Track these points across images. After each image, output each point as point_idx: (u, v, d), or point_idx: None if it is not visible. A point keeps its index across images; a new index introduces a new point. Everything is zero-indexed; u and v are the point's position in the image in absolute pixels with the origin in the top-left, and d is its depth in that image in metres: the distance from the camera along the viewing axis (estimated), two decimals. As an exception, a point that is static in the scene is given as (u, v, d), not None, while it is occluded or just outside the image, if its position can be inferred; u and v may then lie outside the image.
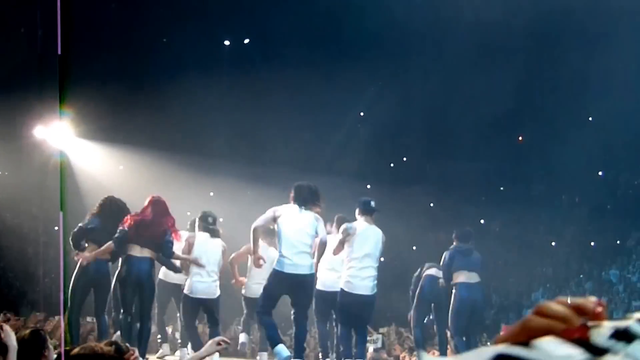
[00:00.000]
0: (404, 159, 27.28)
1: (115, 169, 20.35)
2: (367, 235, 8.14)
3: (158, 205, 8.11)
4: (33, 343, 4.28)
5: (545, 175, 26.16)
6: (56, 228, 17.96)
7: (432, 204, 25.18)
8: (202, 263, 8.51)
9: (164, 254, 8.12)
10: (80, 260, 8.22)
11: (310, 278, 7.64)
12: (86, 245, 8.39)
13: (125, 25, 20.35)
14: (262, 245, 8.18)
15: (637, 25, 20.75)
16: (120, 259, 8.10)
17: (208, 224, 8.90)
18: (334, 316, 8.66)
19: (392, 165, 26.73)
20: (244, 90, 23.52)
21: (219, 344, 5.07)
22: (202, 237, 8.82)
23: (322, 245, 7.81)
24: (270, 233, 8.44)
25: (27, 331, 4.44)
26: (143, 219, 7.96)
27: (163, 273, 9.35)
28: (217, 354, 7.21)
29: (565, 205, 24.96)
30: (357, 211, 8.42)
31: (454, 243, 9.61)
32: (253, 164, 21.35)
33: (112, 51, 20.44)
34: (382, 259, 8.52)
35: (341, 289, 8.13)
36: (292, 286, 7.54)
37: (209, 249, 8.80)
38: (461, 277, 9.16)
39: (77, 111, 17.69)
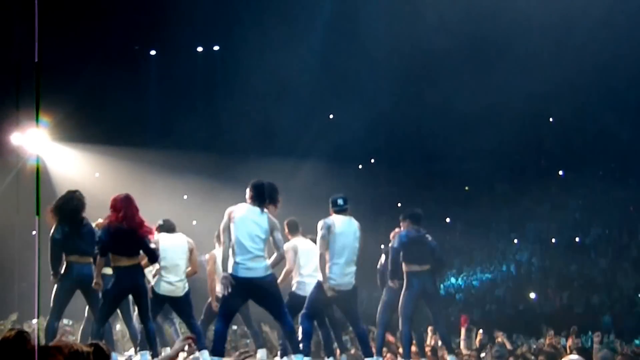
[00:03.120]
0: (372, 160, 27.83)
1: (91, 174, 20.65)
2: (345, 229, 8.09)
3: (130, 207, 7.87)
4: (17, 344, 4.30)
5: (508, 174, 26.90)
6: (34, 233, 18.24)
7: (399, 204, 25.78)
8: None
9: (151, 261, 8.18)
10: (64, 266, 8.19)
11: (269, 278, 7.45)
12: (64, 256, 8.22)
13: (101, 33, 20.65)
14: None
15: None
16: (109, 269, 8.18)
17: (170, 224, 9.03)
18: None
19: (360, 167, 27.26)
20: (217, 94, 23.93)
21: (187, 342, 4.97)
22: (164, 236, 8.75)
23: (280, 258, 7.87)
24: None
25: (12, 332, 4.44)
26: (120, 226, 7.78)
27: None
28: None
29: (527, 204, 25.69)
30: (330, 210, 8.30)
31: (403, 227, 9.06)
32: (226, 166, 21.74)
33: (87, 58, 20.74)
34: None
35: (320, 283, 7.98)
36: (250, 290, 7.43)
37: (173, 246, 8.74)
38: (413, 267, 8.85)
39: (53, 116, 17.98)
